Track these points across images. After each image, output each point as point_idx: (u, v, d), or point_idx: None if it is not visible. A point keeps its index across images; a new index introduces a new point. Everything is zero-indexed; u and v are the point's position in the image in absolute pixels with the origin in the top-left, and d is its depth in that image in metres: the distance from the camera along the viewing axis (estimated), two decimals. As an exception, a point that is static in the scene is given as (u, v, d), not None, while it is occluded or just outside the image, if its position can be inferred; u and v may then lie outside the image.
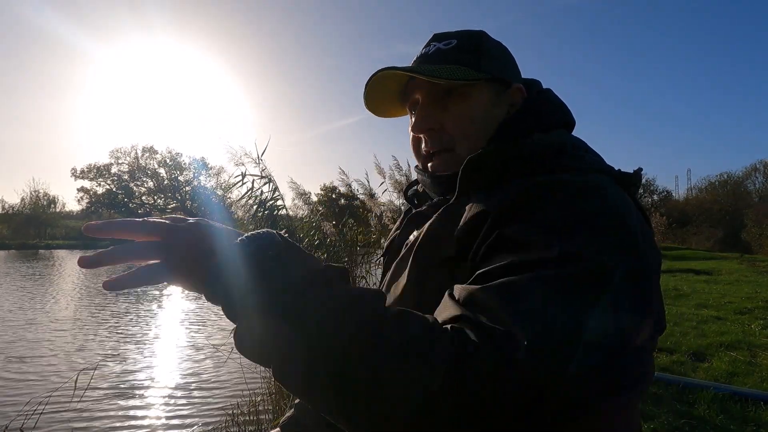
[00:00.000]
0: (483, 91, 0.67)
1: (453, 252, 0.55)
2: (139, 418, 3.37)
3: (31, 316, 6.82)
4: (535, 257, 0.45)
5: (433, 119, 0.67)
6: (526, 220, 0.50)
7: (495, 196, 0.55)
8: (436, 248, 0.58)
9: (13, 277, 11.67)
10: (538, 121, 0.65)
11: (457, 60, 0.66)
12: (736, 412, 2.54)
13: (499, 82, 0.68)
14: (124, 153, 37.05)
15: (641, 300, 0.46)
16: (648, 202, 32.88)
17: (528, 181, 0.55)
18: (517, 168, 0.59)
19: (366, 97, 0.72)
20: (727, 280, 8.26)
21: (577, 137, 0.69)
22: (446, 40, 0.69)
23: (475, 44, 0.69)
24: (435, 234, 0.60)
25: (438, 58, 0.68)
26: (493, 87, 0.68)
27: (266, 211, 3.66)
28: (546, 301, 0.42)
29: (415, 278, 0.59)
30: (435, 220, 0.62)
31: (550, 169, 0.58)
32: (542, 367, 0.38)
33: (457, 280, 0.51)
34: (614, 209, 0.50)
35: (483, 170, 0.60)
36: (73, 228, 33.26)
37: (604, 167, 0.60)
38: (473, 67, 0.66)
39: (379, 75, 0.67)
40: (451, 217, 0.59)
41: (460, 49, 0.68)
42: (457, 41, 0.69)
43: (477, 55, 0.67)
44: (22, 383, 4.07)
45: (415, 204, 0.79)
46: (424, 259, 0.59)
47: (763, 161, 28.09)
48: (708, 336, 4.15)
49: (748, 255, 15.15)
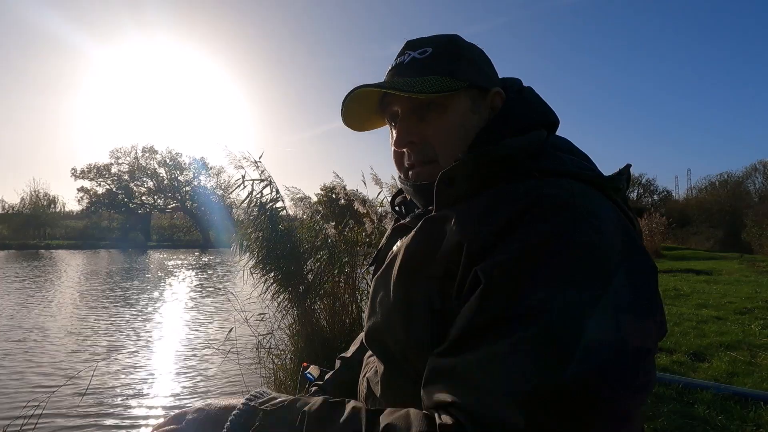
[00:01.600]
0: (461, 100, 0.66)
1: (440, 272, 0.54)
2: (138, 419, 3.36)
3: (31, 317, 6.82)
4: (504, 314, 0.45)
5: (414, 132, 0.66)
6: (498, 259, 0.48)
7: (470, 219, 0.54)
8: (420, 266, 0.57)
9: (13, 278, 11.66)
10: (514, 124, 0.63)
11: (434, 70, 0.65)
12: (736, 412, 2.53)
13: (478, 89, 0.67)
14: (124, 153, 37.01)
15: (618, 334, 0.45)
16: (648, 202, 32.88)
17: (499, 196, 0.54)
18: (488, 176, 0.58)
19: (344, 114, 0.71)
20: (727, 280, 8.25)
21: (559, 137, 0.67)
22: (421, 48, 0.68)
23: (450, 51, 0.67)
24: (417, 250, 0.59)
25: (414, 69, 0.66)
26: (472, 94, 0.66)
27: (267, 213, 3.67)
28: (522, 373, 0.43)
29: (402, 296, 0.58)
30: (416, 234, 0.61)
31: (523, 174, 0.57)
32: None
33: (444, 297, 0.52)
34: (582, 239, 0.48)
35: (456, 183, 0.59)
36: (73, 228, 33.28)
37: (582, 171, 0.58)
38: (450, 75, 0.64)
39: (355, 93, 0.66)
40: (432, 232, 0.58)
41: (435, 57, 0.66)
42: (433, 49, 0.67)
43: (453, 63, 0.66)
44: (22, 384, 4.07)
45: (401, 214, 0.78)
46: (409, 278, 0.58)
47: (763, 161, 28.03)
48: (708, 336, 4.15)
49: (748, 255, 15.13)
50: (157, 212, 37.99)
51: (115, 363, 4.64)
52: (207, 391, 3.92)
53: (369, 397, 0.66)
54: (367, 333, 0.65)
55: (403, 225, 0.70)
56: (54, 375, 4.28)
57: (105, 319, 6.78)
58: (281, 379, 3.12)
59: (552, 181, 0.55)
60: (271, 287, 3.60)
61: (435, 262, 0.55)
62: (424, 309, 0.55)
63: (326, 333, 3.50)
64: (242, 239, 3.71)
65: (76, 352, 5.02)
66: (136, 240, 31.66)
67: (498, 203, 0.53)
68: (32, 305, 7.75)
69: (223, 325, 6.14)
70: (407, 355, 0.57)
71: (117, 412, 3.46)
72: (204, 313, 7.33)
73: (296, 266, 3.60)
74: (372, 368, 0.68)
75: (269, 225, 3.64)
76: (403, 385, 0.59)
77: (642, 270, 0.50)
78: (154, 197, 37.33)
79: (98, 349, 5.14)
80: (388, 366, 0.62)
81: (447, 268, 0.53)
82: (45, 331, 5.90)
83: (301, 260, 3.65)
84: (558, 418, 0.41)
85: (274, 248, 3.59)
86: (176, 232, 35.96)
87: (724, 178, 29.64)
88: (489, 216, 0.52)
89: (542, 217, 0.50)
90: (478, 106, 0.67)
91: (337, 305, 3.64)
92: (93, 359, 4.75)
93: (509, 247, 0.49)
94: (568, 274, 0.46)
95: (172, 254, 22.53)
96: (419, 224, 0.61)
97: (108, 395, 3.76)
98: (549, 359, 0.42)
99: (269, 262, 3.57)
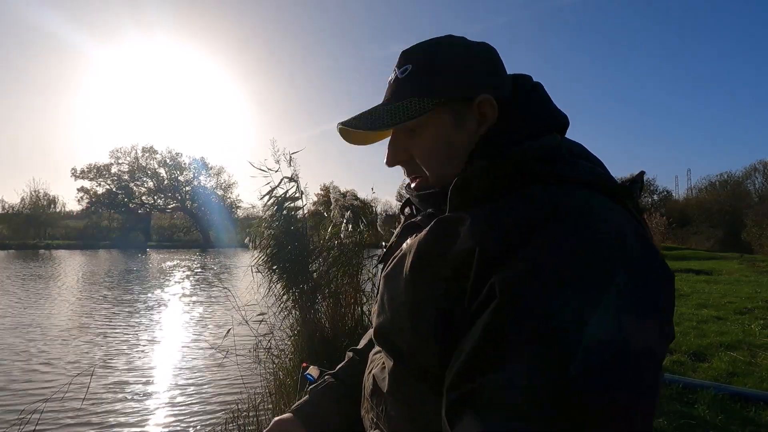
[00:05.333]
0: (442, 116, 0.65)
1: (449, 273, 0.54)
2: (138, 419, 3.37)
3: (31, 317, 6.82)
4: (518, 330, 0.45)
5: (402, 152, 0.68)
6: (513, 271, 0.48)
7: (485, 224, 0.53)
8: (430, 266, 0.57)
9: (13, 278, 11.67)
10: (526, 127, 0.62)
11: (411, 90, 0.65)
12: (736, 412, 2.53)
13: (459, 101, 0.64)
14: (124, 153, 36.99)
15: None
16: (648, 202, 32.84)
17: (514, 203, 0.53)
18: (504, 181, 0.57)
19: (345, 137, 0.72)
20: (727, 280, 8.26)
21: (572, 141, 0.66)
22: (404, 66, 0.67)
23: (428, 64, 0.66)
24: (427, 250, 0.58)
25: (394, 93, 0.67)
26: (453, 108, 0.64)
27: (291, 212, 3.74)
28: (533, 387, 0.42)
29: (411, 295, 0.58)
30: (427, 233, 0.60)
31: (539, 180, 0.56)
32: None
33: (453, 299, 0.52)
34: (599, 250, 0.47)
35: (471, 188, 0.59)
36: (73, 228, 33.27)
37: (598, 179, 0.57)
38: (427, 92, 0.64)
39: (339, 129, 0.69)
40: (443, 233, 0.57)
41: (414, 74, 0.66)
42: (412, 65, 0.67)
43: (430, 78, 0.65)
44: (21, 385, 4.07)
45: (411, 213, 0.77)
46: (419, 277, 0.58)
47: (763, 161, 28.04)
48: (708, 336, 4.15)
49: (748, 255, 15.14)
50: (157, 212, 37.98)
51: (114, 364, 4.64)
52: (207, 391, 3.92)
53: (375, 393, 0.66)
54: (376, 330, 0.65)
55: (414, 223, 0.70)
56: (54, 375, 4.28)
57: (105, 319, 6.78)
58: (281, 380, 3.12)
59: (568, 188, 0.54)
60: (277, 286, 3.62)
61: (445, 263, 0.55)
62: (432, 309, 0.55)
63: (327, 333, 3.50)
64: (255, 236, 3.74)
65: (75, 353, 5.02)
66: (136, 240, 31.64)
67: (513, 211, 0.53)
68: (32, 306, 7.74)
69: (223, 325, 6.14)
70: (414, 353, 0.57)
71: (116, 413, 3.46)
72: (204, 313, 7.33)
73: (302, 266, 3.62)
74: (378, 364, 0.68)
75: (285, 222, 3.67)
76: (410, 381, 0.59)
77: (658, 276, 0.49)
78: (154, 197, 37.32)
79: (98, 350, 5.14)
80: (397, 362, 0.62)
81: (457, 270, 0.53)
82: (44, 332, 5.90)
83: (309, 259, 3.68)
84: (563, 424, 0.41)
85: (285, 246, 3.62)
86: (176, 232, 35.96)
87: (724, 178, 29.69)
88: (503, 223, 0.52)
89: (558, 228, 0.49)
90: (462, 119, 0.65)
91: (340, 306, 3.64)
92: (93, 360, 4.75)
93: (524, 259, 0.48)
94: (583, 287, 0.45)
95: (172, 254, 22.54)
96: (431, 224, 0.61)
97: (107, 396, 3.76)
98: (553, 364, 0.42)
99: (279, 261, 3.60)
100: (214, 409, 3.52)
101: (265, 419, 2.81)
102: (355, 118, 0.68)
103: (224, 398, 3.71)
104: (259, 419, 2.80)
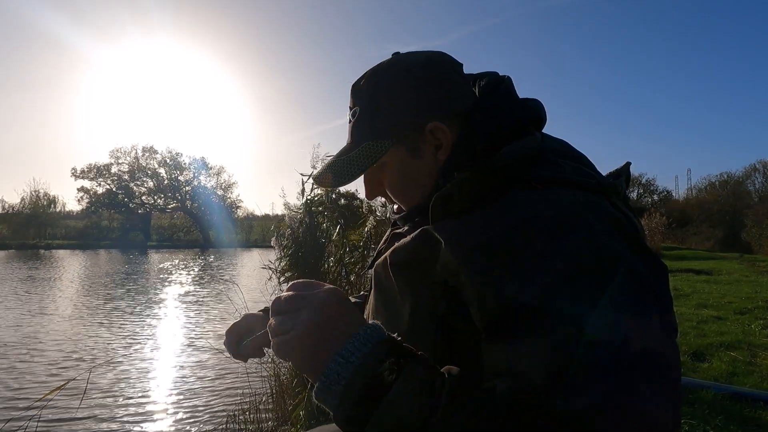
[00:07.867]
0: (399, 150, 0.65)
1: (440, 278, 0.54)
2: (139, 419, 3.36)
3: (31, 317, 6.82)
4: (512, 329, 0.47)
5: (377, 187, 0.72)
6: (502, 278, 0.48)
7: (468, 231, 0.53)
8: (420, 271, 0.57)
9: (13, 278, 11.66)
10: (500, 126, 0.61)
11: (364, 135, 0.67)
12: (736, 412, 2.53)
13: (411, 132, 0.64)
14: (124, 153, 36.92)
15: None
16: (648, 202, 32.86)
17: (499, 209, 0.53)
18: (487, 189, 0.56)
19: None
20: (727, 280, 8.25)
21: (554, 138, 0.66)
22: (354, 108, 0.69)
23: (372, 104, 0.66)
24: (414, 256, 0.58)
25: (353, 138, 0.69)
26: (404, 142, 0.65)
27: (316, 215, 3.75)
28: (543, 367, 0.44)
29: (407, 302, 0.58)
30: (411, 240, 0.60)
31: (522, 184, 0.56)
32: None
33: (439, 305, 0.54)
34: (585, 249, 0.48)
35: (453, 201, 0.58)
36: (73, 228, 33.24)
37: (582, 179, 0.57)
38: (378, 135, 0.65)
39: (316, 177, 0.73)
40: (428, 240, 0.57)
41: (361, 118, 0.68)
42: (360, 108, 0.68)
43: (377, 120, 0.66)
44: (20, 385, 4.07)
45: (397, 225, 0.78)
46: (410, 283, 0.58)
47: (762, 161, 28.03)
48: (708, 336, 4.15)
49: (748, 255, 15.14)
50: (157, 212, 37.92)
51: (114, 363, 4.64)
52: (209, 391, 3.92)
53: None
54: None
55: (399, 233, 0.71)
56: (54, 375, 4.28)
57: (105, 320, 6.77)
58: (282, 381, 3.12)
59: (552, 191, 0.54)
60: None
61: (433, 269, 0.55)
62: (426, 321, 0.56)
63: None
64: (280, 237, 3.73)
65: (75, 353, 5.02)
66: (136, 240, 31.64)
67: (498, 216, 0.53)
68: (32, 306, 7.74)
69: (222, 325, 6.14)
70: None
71: (117, 413, 3.46)
72: (206, 313, 7.33)
73: (315, 267, 3.62)
74: None
75: (306, 222, 3.67)
76: None
77: (649, 269, 0.49)
78: (154, 197, 37.27)
79: (98, 350, 5.14)
80: None
81: (444, 276, 0.54)
82: (44, 332, 5.90)
83: (322, 260, 3.69)
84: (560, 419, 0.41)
85: (302, 247, 3.63)
86: (176, 232, 35.92)
87: (724, 178, 29.69)
88: (488, 229, 0.52)
89: (543, 232, 0.49)
90: (417, 149, 0.65)
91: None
92: (92, 360, 4.76)
93: (512, 263, 0.49)
94: (570, 284, 0.46)
95: (172, 254, 22.53)
96: (416, 233, 0.60)
97: (107, 396, 3.76)
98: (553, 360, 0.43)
99: (298, 262, 3.61)
100: (214, 410, 3.52)
101: (266, 419, 2.82)
102: (323, 173, 0.71)
103: (225, 398, 3.71)
104: (260, 419, 2.80)
